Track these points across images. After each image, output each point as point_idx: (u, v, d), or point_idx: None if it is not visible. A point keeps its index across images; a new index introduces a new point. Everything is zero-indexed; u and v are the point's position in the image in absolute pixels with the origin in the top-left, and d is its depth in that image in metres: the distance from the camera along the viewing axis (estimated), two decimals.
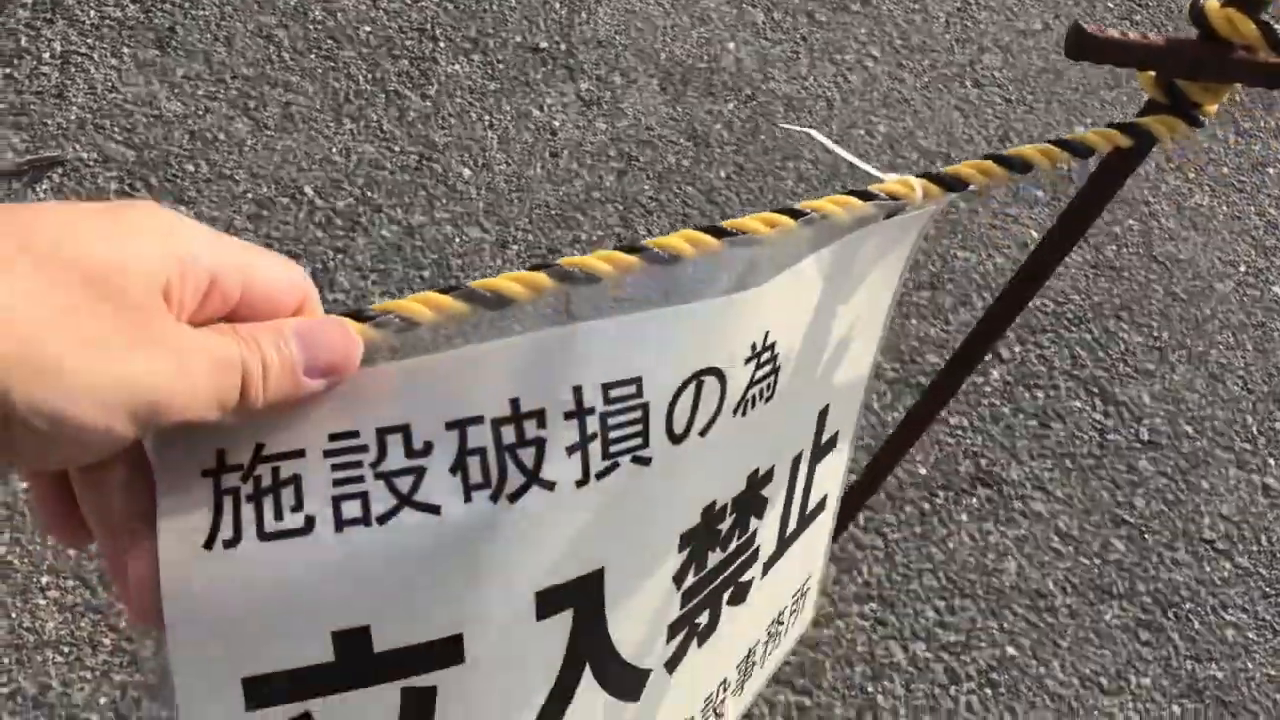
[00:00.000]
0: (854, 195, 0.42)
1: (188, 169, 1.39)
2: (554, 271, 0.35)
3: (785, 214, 0.40)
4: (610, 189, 1.52)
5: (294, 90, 1.52)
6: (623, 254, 0.36)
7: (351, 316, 0.32)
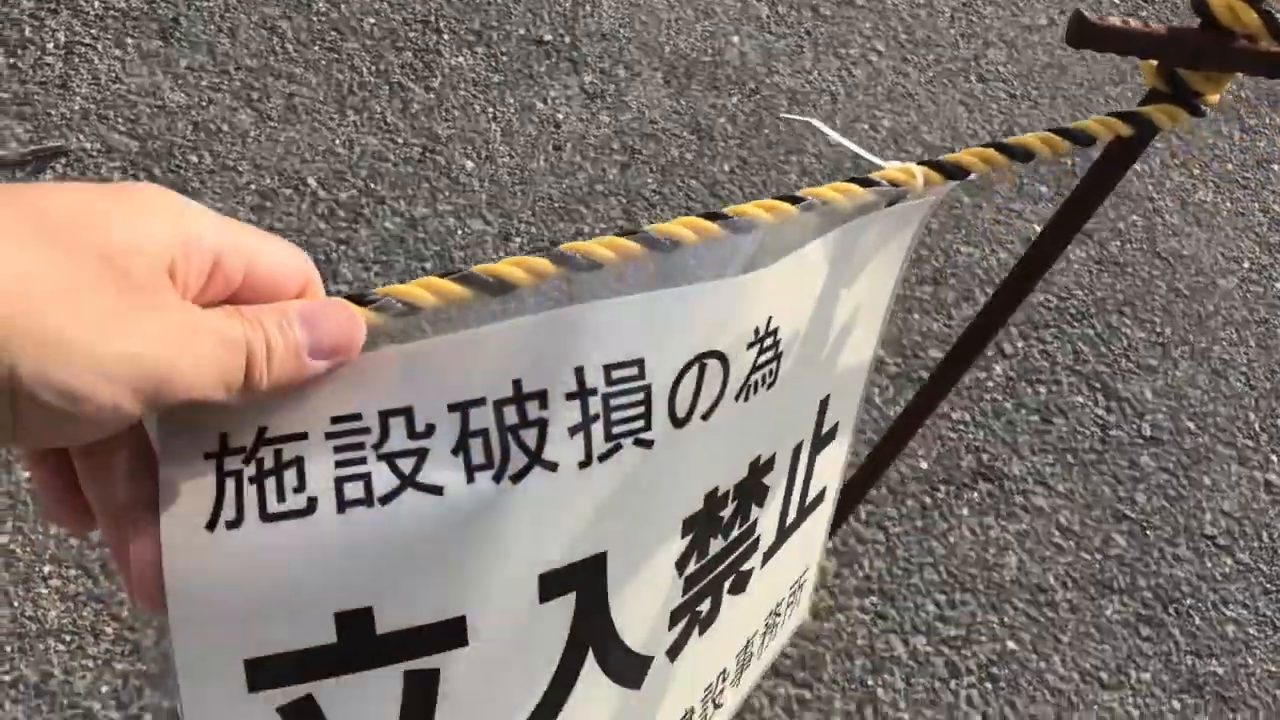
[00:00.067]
0: (855, 182, 0.42)
1: (191, 160, 1.39)
2: (555, 256, 0.35)
3: (786, 201, 0.40)
4: (613, 182, 1.52)
5: (297, 82, 1.52)
6: (624, 239, 0.36)
7: (353, 300, 0.32)
